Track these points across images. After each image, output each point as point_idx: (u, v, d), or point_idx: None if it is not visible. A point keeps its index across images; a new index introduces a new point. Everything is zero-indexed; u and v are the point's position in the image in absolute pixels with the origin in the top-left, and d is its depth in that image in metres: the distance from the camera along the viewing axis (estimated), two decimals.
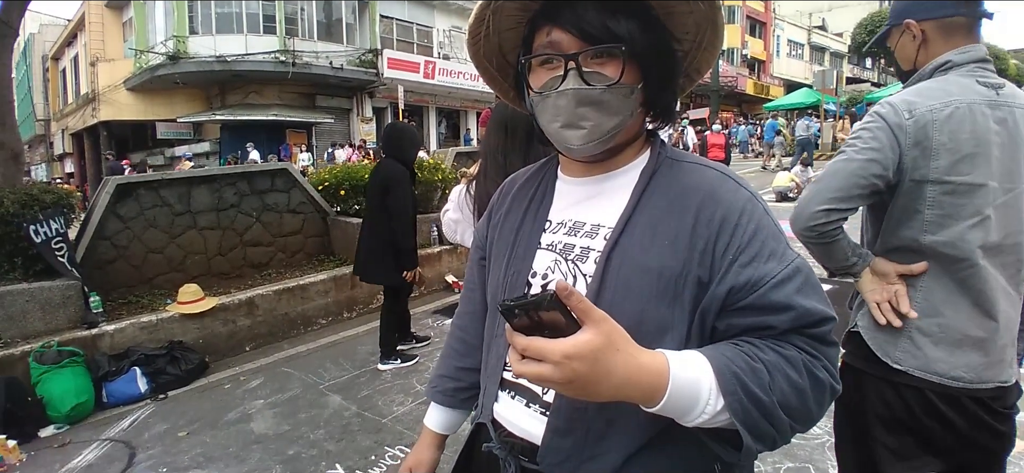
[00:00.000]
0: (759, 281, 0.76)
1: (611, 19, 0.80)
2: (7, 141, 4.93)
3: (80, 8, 23.07)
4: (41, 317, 4.24)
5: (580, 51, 0.80)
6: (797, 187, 10.99)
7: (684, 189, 0.84)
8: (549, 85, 0.83)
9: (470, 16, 0.89)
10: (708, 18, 0.87)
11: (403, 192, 3.85)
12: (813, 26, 43.09)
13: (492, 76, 1.00)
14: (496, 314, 0.97)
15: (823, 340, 0.78)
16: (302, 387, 4.06)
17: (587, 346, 0.64)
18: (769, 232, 0.80)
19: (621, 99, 0.82)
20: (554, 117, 0.83)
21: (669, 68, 0.88)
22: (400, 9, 21.11)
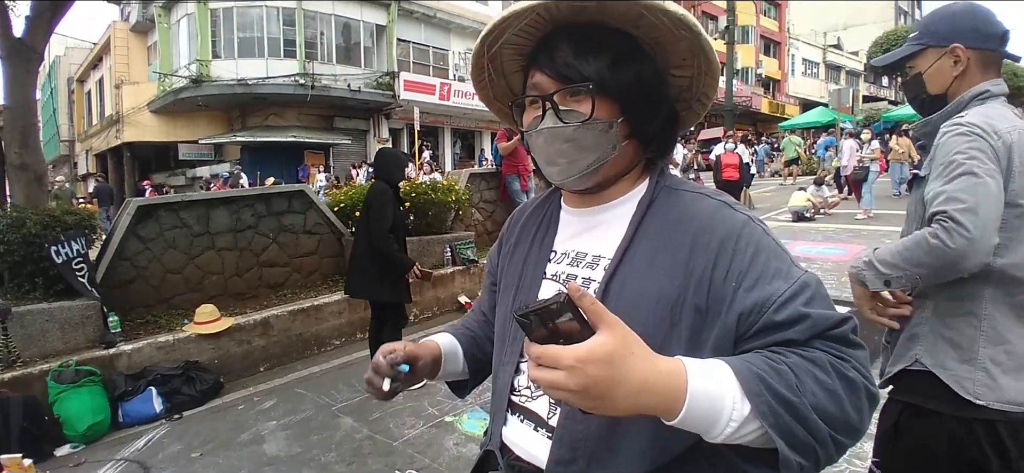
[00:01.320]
0: (766, 302, 0.75)
1: (581, 58, 0.83)
2: (31, 163, 5.07)
3: (106, 32, 23.78)
4: (60, 336, 4.31)
5: (555, 91, 0.84)
6: (813, 207, 10.86)
7: (681, 217, 0.85)
8: (532, 124, 0.88)
9: (470, 64, 0.94)
10: (696, 45, 0.87)
11: (381, 205, 4.01)
12: (828, 45, 42.95)
13: (505, 113, 1.04)
14: (504, 342, 0.98)
15: (846, 341, 0.74)
16: (314, 409, 4.07)
17: (601, 349, 0.62)
18: (770, 252, 0.79)
19: (597, 134, 0.84)
20: (538, 154, 0.89)
21: (652, 99, 0.88)
22: (417, 33, 21.44)
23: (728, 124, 18.42)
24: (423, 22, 21.41)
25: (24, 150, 5.04)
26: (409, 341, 1.01)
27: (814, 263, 7.13)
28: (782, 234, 9.23)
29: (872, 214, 10.30)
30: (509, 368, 0.94)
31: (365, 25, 20.06)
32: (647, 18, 0.83)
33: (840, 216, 10.70)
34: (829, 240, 8.59)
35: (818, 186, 11.66)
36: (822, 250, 7.86)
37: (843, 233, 9.07)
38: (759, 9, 35.64)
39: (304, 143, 19.24)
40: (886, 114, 24.03)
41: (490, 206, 8.25)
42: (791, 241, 8.55)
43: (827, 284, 5.95)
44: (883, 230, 9.05)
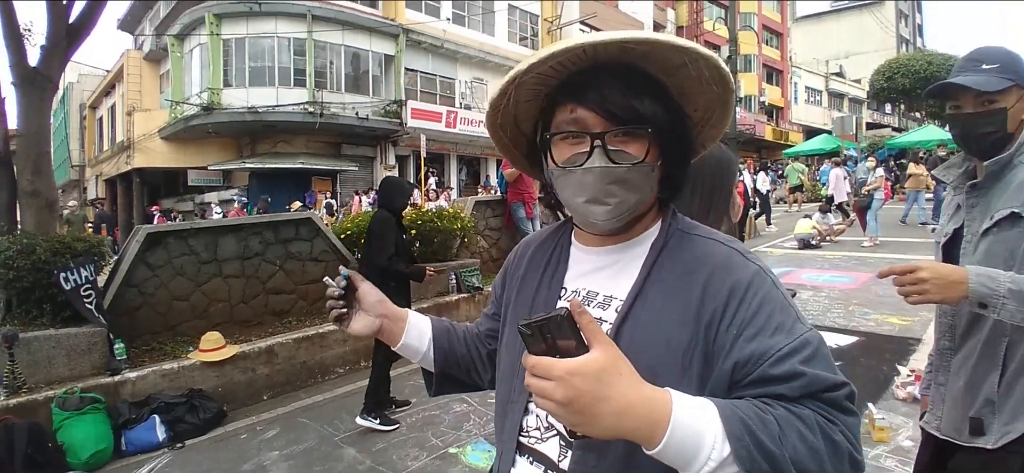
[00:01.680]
0: (763, 355, 0.75)
1: (636, 99, 0.82)
2: (42, 190, 5.14)
3: (119, 60, 24.21)
4: (66, 363, 4.33)
5: (606, 131, 0.82)
6: (819, 234, 10.83)
7: (693, 262, 0.85)
8: (573, 160, 0.84)
9: (495, 90, 0.90)
10: (720, 100, 0.89)
11: (382, 232, 4.10)
12: (830, 73, 43.27)
13: (505, 144, 1.02)
14: (511, 380, 0.97)
15: (839, 406, 0.74)
16: (317, 439, 4.04)
17: (591, 364, 0.65)
18: (776, 305, 0.79)
19: (643, 176, 0.84)
20: (578, 192, 0.85)
21: (687, 146, 0.91)
22: (424, 62, 21.72)
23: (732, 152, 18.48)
24: (431, 52, 21.71)
25: (36, 177, 5.11)
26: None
27: (821, 291, 7.10)
28: (788, 262, 9.21)
29: (878, 242, 10.27)
30: (519, 407, 0.93)
31: (374, 55, 20.36)
32: (686, 69, 0.84)
33: (846, 244, 10.67)
34: (836, 268, 8.56)
35: (823, 213, 11.65)
36: (829, 278, 7.83)
37: (849, 261, 9.04)
38: (761, 38, 36.02)
39: (312, 169, 19.41)
40: (890, 141, 24.06)
41: (495, 233, 8.27)
42: (797, 269, 8.52)
43: (834, 313, 5.97)
44: (889, 257, 9.01)
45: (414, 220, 6.52)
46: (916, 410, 3.59)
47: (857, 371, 4.37)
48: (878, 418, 3.34)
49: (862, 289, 7.09)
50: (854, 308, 6.21)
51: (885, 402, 3.78)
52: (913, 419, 3.50)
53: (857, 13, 48.32)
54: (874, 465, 3.05)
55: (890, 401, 3.79)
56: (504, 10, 24.08)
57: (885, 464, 3.05)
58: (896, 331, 5.32)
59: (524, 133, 1.00)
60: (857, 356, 4.69)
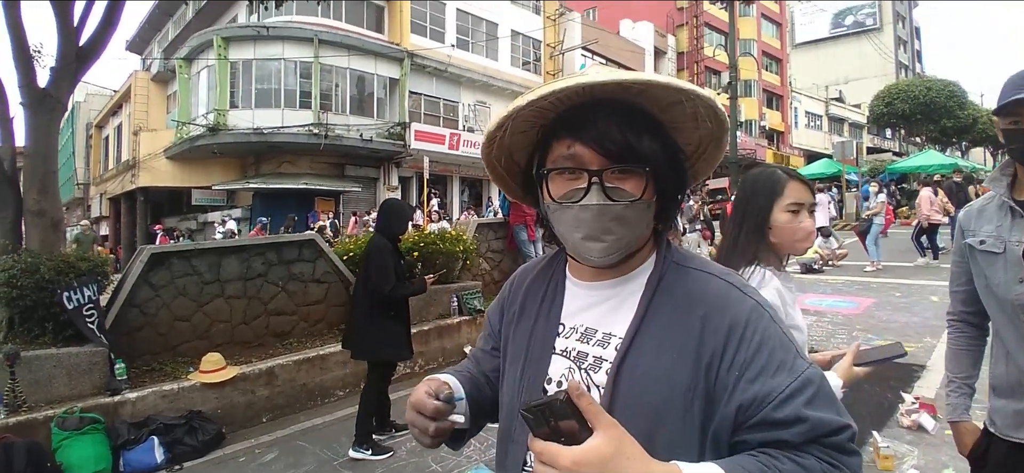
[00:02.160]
0: (767, 397, 0.75)
1: (634, 137, 0.82)
2: (48, 209, 5.16)
3: (127, 80, 24.51)
4: (66, 382, 4.31)
5: (604, 168, 0.82)
6: (821, 258, 10.81)
7: (690, 298, 0.84)
8: (570, 196, 0.84)
9: (491, 122, 0.90)
10: (713, 136, 0.90)
11: (381, 260, 3.99)
12: (830, 98, 43.59)
13: (500, 175, 1.01)
14: (512, 416, 0.95)
15: (842, 449, 0.76)
16: (316, 463, 4.01)
17: (596, 452, 0.65)
18: (777, 342, 0.79)
19: (640, 213, 0.84)
20: (575, 228, 0.84)
21: (682, 182, 0.91)
22: (428, 86, 21.96)
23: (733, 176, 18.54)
24: (435, 76, 21.95)
25: (42, 197, 5.14)
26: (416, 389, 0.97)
27: (825, 316, 7.07)
28: None
29: (881, 267, 10.24)
30: (521, 446, 0.91)
31: (379, 78, 20.59)
32: (682, 106, 0.85)
33: (848, 268, 10.64)
34: (838, 293, 8.53)
35: (825, 238, 11.64)
36: (832, 303, 7.80)
37: (852, 286, 9.01)
38: (760, 64, 36.34)
39: (315, 190, 19.51)
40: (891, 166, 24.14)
41: (497, 255, 8.28)
42: (800, 294, 8.46)
43: (838, 338, 5.94)
44: (892, 282, 8.99)
45: (417, 242, 6.54)
46: (921, 438, 3.57)
47: (861, 398, 4.34)
48: (883, 446, 3.31)
49: (865, 314, 7.06)
50: (858, 333, 6.17)
51: (889, 430, 3.74)
52: (918, 447, 3.47)
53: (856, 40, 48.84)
54: None
55: (894, 429, 3.75)
56: (508, 36, 24.38)
57: None
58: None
59: (518, 163, 0.99)
60: (860, 383, 4.60)
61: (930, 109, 28.76)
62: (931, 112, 28.86)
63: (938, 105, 28.84)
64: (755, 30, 36.20)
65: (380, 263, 3.97)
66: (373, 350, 4.09)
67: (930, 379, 4.62)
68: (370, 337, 4.02)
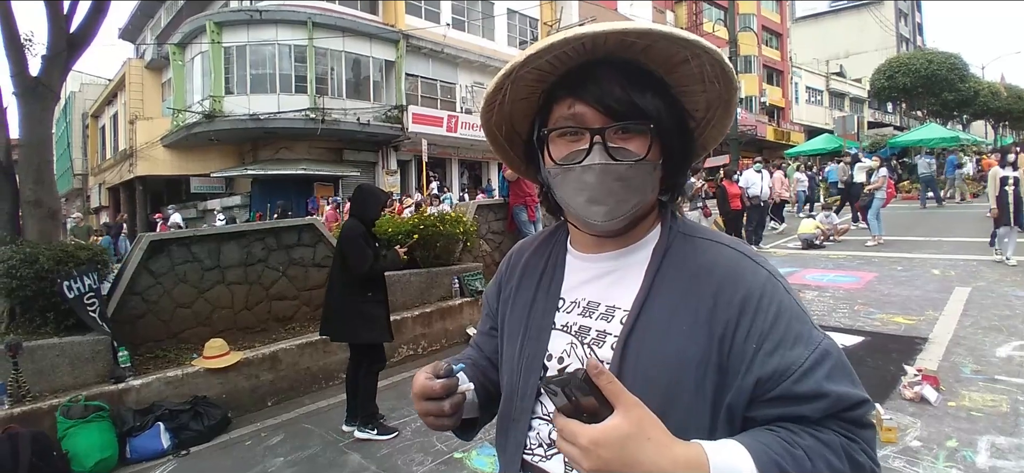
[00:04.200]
0: (786, 370, 0.73)
1: (637, 94, 0.79)
2: (45, 199, 5.14)
3: (121, 69, 24.33)
4: (70, 371, 4.32)
5: (606, 126, 0.79)
6: (823, 234, 10.80)
7: (700, 269, 0.81)
8: (571, 158, 0.81)
9: (489, 85, 0.86)
10: (722, 98, 0.86)
11: (357, 246, 3.95)
12: (831, 73, 43.27)
13: (500, 145, 0.98)
14: (512, 395, 0.93)
15: (859, 423, 0.75)
16: (322, 445, 4.03)
17: (615, 432, 0.64)
18: (793, 314, 0.77)
19: (645, 175, 0.81)
20: (578, 191, 0.81)
21: (689, 146, 0.88)
22: (425, 68, 21.77)
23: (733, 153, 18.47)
24: (431, 57, 21.75)
25: (39, 187, 5.11)
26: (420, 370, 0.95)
27: (826, 291, 7.08)
28: (792, 262, 9.19)
29: (882, 241, 10.24)
30: (522, 425, 0.89)
31: (375, 61, 20.41)
32: (688, 65, 0.81)
33: (850, 243, 10.65)
34: (840, 268, 8.53)
35: (826, 213, 11.62)
36: (834, 278, 7.80)
37: (854, 260, 9.01)
38: (760, 39, 36.02)
39: (314, 175, 19.44)
40: (892, 140, 24.00)
41: (498, 237, 8.26)
42: (801, 269, 8.49)
43: (839, 313, 5.95)
44: (894, 256, 8.98)
45: (417, 224, 6.52)
46: (923, 410, 3.59)
47: (863, 371, 4.35)
48: (886, 418, 3.32)
49: (867, 289, 7.06)
50: (859, 308, 6.18)
51: (892, 401, 3.76)
52: (921, 419, 3.48)
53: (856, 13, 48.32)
54: (882, 466, 3.02)
55: (897, 401, 3.76)
56: (504, 14, 24.13)
57: (893, 465, 3.03)
58: (902, 330, 5.29)
59: (519, 133, 0.96)
60: (863, 356, 4.66)
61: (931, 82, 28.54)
62: (932, 85, 28.64)
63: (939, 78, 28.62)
64: (755, 4, 35.81)
65: (355, 246, 3.94)
66: (354, 332, 4.07)
67: (932, 351, 4.63)
68: (350, 320, 4.00)
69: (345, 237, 4.03)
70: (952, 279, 7.16)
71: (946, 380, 3.99)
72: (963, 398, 3.73)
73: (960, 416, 3.50)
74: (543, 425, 0.88)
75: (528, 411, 0.89)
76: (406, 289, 6.36)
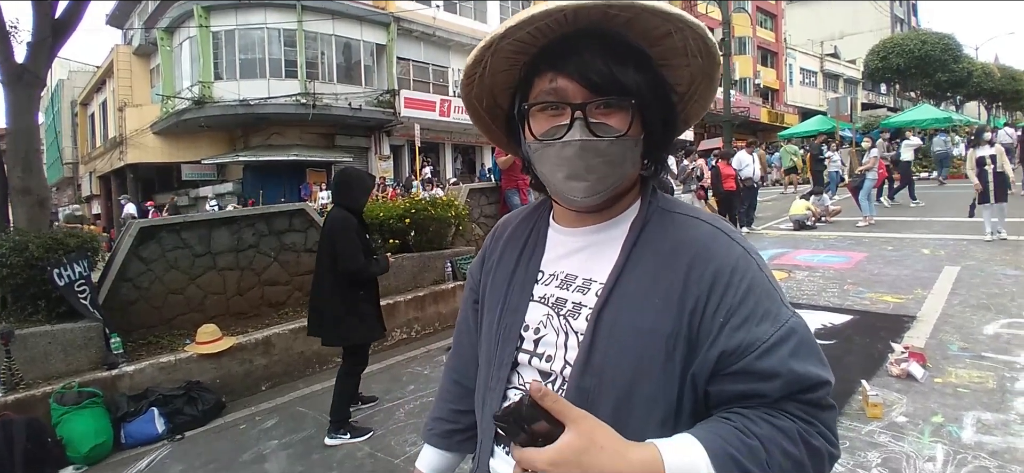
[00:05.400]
0: (750, 346, 0.73)
1: (619, 69, 0.78)
2: (33, 187, 5.11)
3: (109, 56, 24.03)
4: (63, 358, 4.32)
5: (587, 102, 0.78)
6: (814, 215, 10.85)
7: (675, 244, 0.81)
8: (552, 133, 0.80)
9: (469, 57, 0.85)
10: (705, 73, 0.86)
11: (349, 239, 3.66)
12: (825, 54, 43.17)
13: (482, 118, 0.97)
14: (490, 366, 0.93)
15: (818, 405, 0.75)
16: (316, 427, 4.06)
17: (569, 449, 0.65)
18: (763, 291, 0.77)
19: (626, 151, 0.80)
20: (557, 167, 0.81)
21: (671, 120, 0.87)
22: (416, 51, 21.62)
23: (726, 135, 18.48)
24: (422, 40, 21.59)
25: (27, 174, 5.08)
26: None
27: (817, 271, 7.13)
28: (783, 243, 9.25)
29: (873, 222, 10.30)
30: (496, 394, 0.89)
31: (365, 44, 20.25)
32: (671, 38, 0.81)
33: (841, 224, 10.71)
34: (831, 248, 8.59)
35: (818, 194, 11.67)
36: (824, 258, 7.86)
37: (845, 241, 9.07)
38: (755, 20, 35.88)
39: (306, 161, 19.35)
40: (885, 121, 24.06)
41: (490, 221, 8.27)
42: (792, 250, 8.55)
43: (829, 292, 6.01)
44: (884, 236, 9.05)
45: (408, 208, 6.51)
46: (909, 386, 3.64)
47: (852, 349, 4.40)
48: (872, 395, 3.37)
49: (857, 268, 7.12)
50: (849, 287, 6.24)
51: (879, 378, 3.80)
52: (907, 395, 3.53)
53: None
54: (867, 441, 3.07)
55: (884, 377, 3.81)
56: None
57: (879, 440, 3.08)
58: (890, 309, 5.35)
59: (501, 107, 0.95)
60: (851, 335, 4.72)
61: (925, 63, 28.53)
62: (926, 66, 28.64)
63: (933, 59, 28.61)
64: None
65: (346, 241, 3.65)
66: (346, 335, 3.79)
67: (920, 329, 4.69)
68: (342, 322, 3.72)
69: (337, 230, 3.70)
70: (942, 258, 7.23)
71: (933, 357, 4.04)
72: (950, 375, 3.79)
73: (946, 392, 3.55)
74: (518, 395, 0.88)
75: (503, 381, 0.89)
76: (399, 273, 6.37)
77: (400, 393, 4.45)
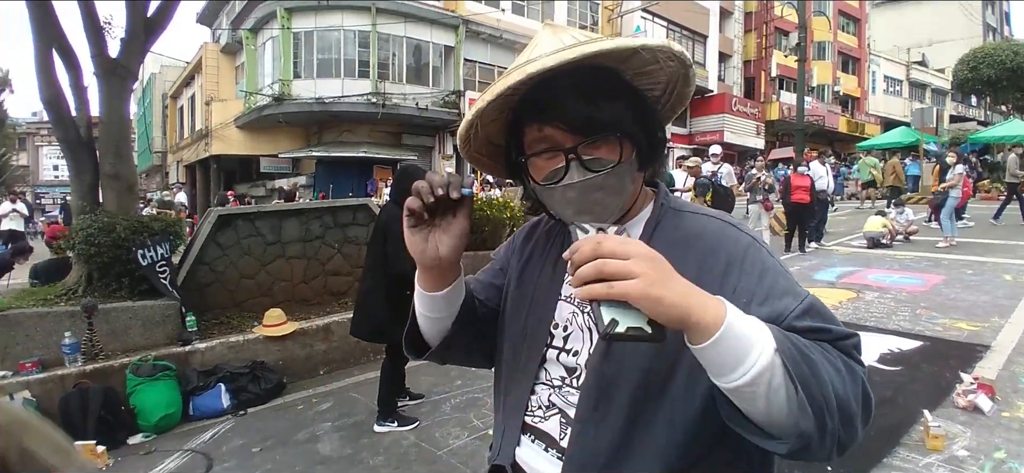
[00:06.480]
0: (780, 315, 0.77)
1: (598, 108, 0.83)
2: (123, 173, 5.52)
3: (198, 52, 25.63)
4: (141, 333, 4.70)
5: (577, 143, 0.84)
6: (891, 233, 10.24)
7: (687, 237, 0.88)
8: (552, 177, 0.86)
9: (461, 126, 0.92)
10: (678, 72, 0.91)
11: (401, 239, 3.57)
12: (912, 62, 40.47)
13: (486, 164, 1.04)
14: (517, 360, 0.98)
15: (850, 352, 0.77)
16: (367, 413, 4.23)
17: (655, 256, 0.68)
18: (777, 271, 0.83)
19: (623, 175, 0.87)
20: (565, 206, 0.87)
21: (654, 127, 0.92)
22: (483, 53, 21.92)
23: (798, 144, 17.71)
24: (489, 42, 21.88)
25: (117, 161, 5.49)
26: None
27: (888, 293, 6.76)
28: (854, 261, 8.80)
29: (954, 242, 9.63)
30: (525, 386, 0.95)
31: (434, 46, 20.73)
32: (639, 55, 0.86)
33: (920, 244, 10.06)
34: (905, 269, 8.10)
35: (900, 209, 10.99)
36: (897, 279, 7.43)
37: (922, 262, 8.53)
38: (836, 24, 34.16)
39: (374, 158, 20.02)
40: (973, 136, 22.37)
41: None
42: (863, 269, 8.13)
43: (900, 316, 5.71)
44: (965, 259, 8.45)
45: None
46: (975, 419, 3.43)
47: (918, 377, 4.17)
48: (933, 426, 3.19)
49: (932, 292, 6.69)
50: (921, 312, 5.88)
51: (944, 409, 3.59)
52: (971, 428, 3.32)
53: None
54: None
55: (949, 409, 3.59)
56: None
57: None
58: (964, 337, 5.01)
59: (498, 146, 1.01)
60: (919, 362, 4.46)
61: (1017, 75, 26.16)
62: (1018, 78, 26.25)
63: None
64: None
65: (397, 241, 3.38)
66: (387, 334, 3.79)
67: (993, 360, 4.38)
68: (384, 321, 3.69)
69: (389, 225, 3.69)
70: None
71: (1003, 390, 3.77)
72: (1018, 409, 3.53)
73: (1012, 427, 3.31)
74: (544, 390, 0.95)
75: (532, 375, 0.95)
76: None
77: (447, 387, 4.57)
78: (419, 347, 1.05)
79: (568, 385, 0.92)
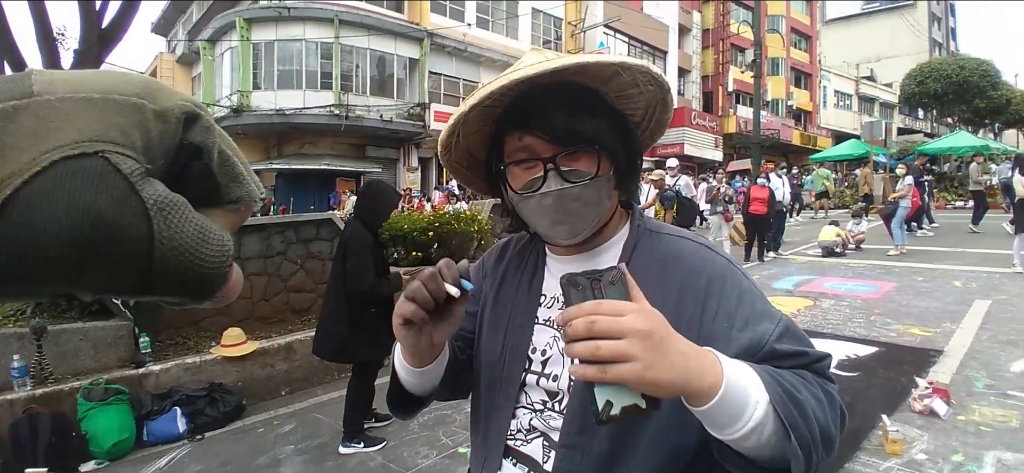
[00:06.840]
0: (760, 341, 0.80)
1: (578, 121, 0.84)
2: None
3: (153, 63, 24.93)
4: (92, 355, 4.48)
5: (556, 153, 0.84)
6: (843, 242, 10.60)
7: (665, 259, 0.89)
8: (530, 186, 0.87)
9: (442, 132, 0.93)
10: (657, 98, 0.92)
11: (359, 256, 3.55)
12: (861, 77, 42.34)
13: (465, 176, 1.05)
14: (496, 385, 0.96)
15: (824, 374, 0.81)
16: (331, 435, 4.12)
17: (654, 314, 0.65)
18: (753, 294, 0.85)
19: (600, 189, 0.87)
20: (541, 215, 0.87)
21: (634, 148, 0.93)
22: (448, 66, 21.93)
23: (755, 156, 18.23)
24: (454, 56, 21.91)
25: None
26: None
27: (843, 300, 6.98)
28: (810, 269, 9.07)
29: (905, 250, 10.04)
30: (505, 413, 0.94)
31: (399, 58, 20.64)
32: (620, 76, 0.87)
33: (871, 252, 10.45)
34: (859, 277, 8.40)
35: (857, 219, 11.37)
36: (851, 287, 7.69)
37: (874, 270, 8.86)
38: (789, 41, 35.46)
39: (337, 171, 19.74)
40: (920, 147, 23.45)
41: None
42: (820, 277, 8.38)
43: (855, 322, 5.89)
44: (916, 267, 8.81)
45: (432, 221, 6.59)
46: (932, 423, 3.55)
47: (874, 382, 4.30)
48: (892, 431, 3.29)
49: (885, 299, 6.95)
50: (875, 318, 6.09)
51: (901, 414, 3.71)
52: (929, 432, 3.44)
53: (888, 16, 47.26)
54: None
55: (906, 413, 3.72)
56: (528, 14, 24.15)
57: None
58: (917, 342, 5.21)
59: (478, 160, 1.01)
60: (875, 368, 4.61)
61: (963, 89, 27.71)
62: (963, 92, 27.82)
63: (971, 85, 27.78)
64: (784, 5, 35.27)
65: (358, 259, 3.55)
66: (350, 353, 3.74)
67: (946, 364, 4.56)
68: (347, 339, 3.64)
69: (348, 243, 3.66)
70: (973, 291, 7.00)
71: (957, 394, 3.92)
72: (973, 412, 3.68)
73: (968, 430, 3.44)
74: (525, 413, 0.93)
75: (512, 399, 0.94)
76: None
77: None
78: (406, 409, 1.02)
79: (549, 409, 0.91)
